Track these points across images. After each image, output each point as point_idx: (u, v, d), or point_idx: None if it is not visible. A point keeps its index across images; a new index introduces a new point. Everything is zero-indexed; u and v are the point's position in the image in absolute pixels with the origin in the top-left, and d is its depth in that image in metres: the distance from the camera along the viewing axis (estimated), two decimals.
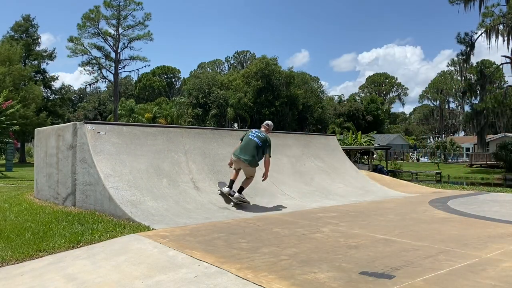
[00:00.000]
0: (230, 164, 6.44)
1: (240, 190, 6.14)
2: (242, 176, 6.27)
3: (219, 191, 6.40)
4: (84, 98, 78.61)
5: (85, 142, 5.99)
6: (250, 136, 6.25)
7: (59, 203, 6.54)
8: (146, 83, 76.52)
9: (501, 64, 38.08)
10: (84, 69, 47.78)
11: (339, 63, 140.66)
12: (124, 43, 47.87)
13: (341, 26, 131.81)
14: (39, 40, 45.19)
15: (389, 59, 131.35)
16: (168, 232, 4.29)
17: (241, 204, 6.12)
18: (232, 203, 6.16)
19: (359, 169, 10.59)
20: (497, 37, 33.64)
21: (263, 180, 6.35)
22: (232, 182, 6.23)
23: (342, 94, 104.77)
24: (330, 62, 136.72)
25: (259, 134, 6.30)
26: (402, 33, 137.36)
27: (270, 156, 6.27)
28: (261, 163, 6.28)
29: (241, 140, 6.38)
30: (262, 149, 6.17)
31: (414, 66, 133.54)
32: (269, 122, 6.76)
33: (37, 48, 44.84)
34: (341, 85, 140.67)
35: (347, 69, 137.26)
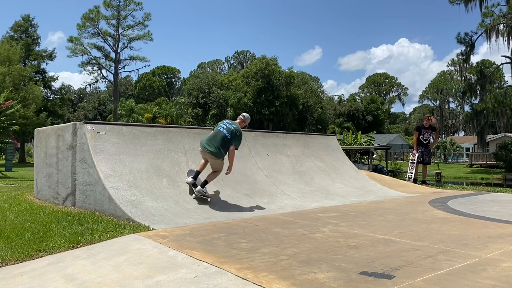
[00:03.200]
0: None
1: (204, 184, 5.95)
2: (209, 169, 6.11)
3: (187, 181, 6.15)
4: (84, 98, 78.60)
5: (85, 142, 5.99)
6: (220, 128, 6.05)
7: (59, 203, 6.54)
8: (146, 83, 76.56)
9: (501, 64, 38.11)
10: (84, 69, 47.84)
11: (348, 61, 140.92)
12: (124, 43, 47.92)
13: (350, 24, 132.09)
14: (39, 40, 45.25)
15: (399, 57, 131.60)
16: (168, 232, 4.29)
17: (202, 198, 5.95)
18: (193, 195, 5.98)
19: (359, 169, 10.59)
20: (497, 37, 33.64)
21: (226, 174, 6.10)
22: (198, 173, 6.06)
23: (342, 94, 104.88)
24: (339, 61, 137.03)
25: (230, 125, 6.07)
26: (412, 33, 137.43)
27: (237, 149, 6.05)
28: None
29: (213, 129, 6.23)
30: (229, 142, 5.94)
31: (424, 65, 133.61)
32: (246, 114, 6.66)
33: (37, 48, 44.88)
34: (351, 83, 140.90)
35: (356, 68, 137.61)
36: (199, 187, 5.91)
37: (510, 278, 2.83)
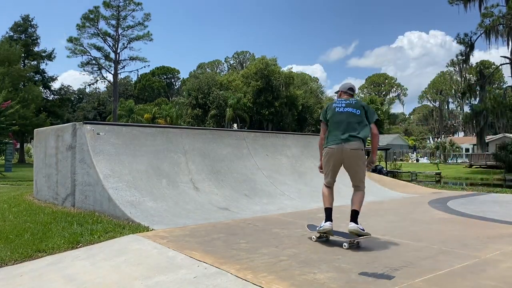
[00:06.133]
0: (321, 168, 4.26)
1: (355, 216, 3.85)
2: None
3: (314, 238, 4.08)
4: (84, 98, 78.53)
5: (84, 143, 5.98)
6: (338, 110, 4.08)
7: (59, 204, 6.53)
8: (145, 84, 76.48)
9: (501, 64, 38.11)
10: (84, 69, 47.82)
11: (349, 61, 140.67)
12: (123, 44, 47.87)
13: (351, 24, 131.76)
14: (38, 40, 45.20)
15: (400, 57, 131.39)
16: (168, 233, 4.29)
17: (359, 242, 3.81)
18: (345, 244, 3.72)
19: None
20: (496, 37, 33.68)
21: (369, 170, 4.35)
22: (330, 210, 4.04)
23: None
24: (340, 60, 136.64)
25: (349, 101, 4.10)
26: (412, 32, 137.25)
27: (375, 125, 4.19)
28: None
29: (326, 122, 4.18)
30: (364, 120, 4.08)
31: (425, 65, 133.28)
32: (348, 83, 4.36)
33: (36, 48, 44.84)
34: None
35: (357, 67, 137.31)
36: (352, 224, 3.79)
37: (510, 279, 2.82)
